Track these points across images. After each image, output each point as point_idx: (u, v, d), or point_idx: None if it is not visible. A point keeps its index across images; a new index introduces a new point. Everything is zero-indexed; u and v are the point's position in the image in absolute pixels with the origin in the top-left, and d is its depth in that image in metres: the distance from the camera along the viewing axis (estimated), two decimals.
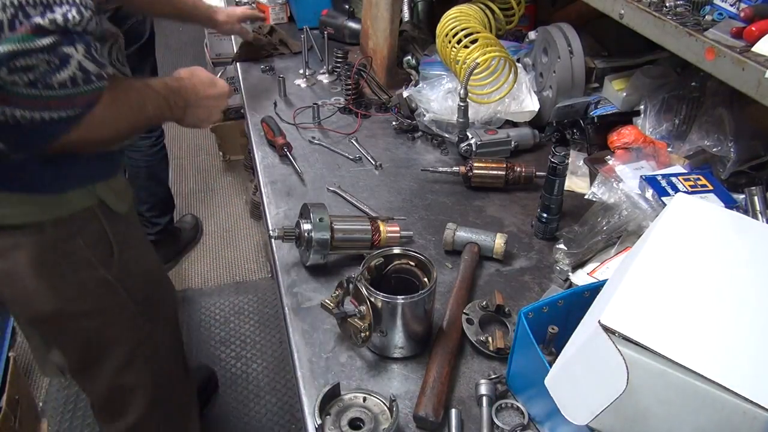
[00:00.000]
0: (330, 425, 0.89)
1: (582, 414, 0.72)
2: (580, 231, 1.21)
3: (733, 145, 1.27)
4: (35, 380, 2.35)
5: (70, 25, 0.89)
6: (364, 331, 0.98)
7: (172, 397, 1.56)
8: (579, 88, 1.59)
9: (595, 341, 0.69)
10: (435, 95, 1.61)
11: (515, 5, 1.71)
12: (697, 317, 0.70)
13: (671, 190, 1.18)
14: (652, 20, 1.00)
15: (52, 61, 0.88)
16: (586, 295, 0.91)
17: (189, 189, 3.45)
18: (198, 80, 1.31)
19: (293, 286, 1.19)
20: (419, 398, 0.94)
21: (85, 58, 0.91)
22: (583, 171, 1.44)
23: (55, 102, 0.91)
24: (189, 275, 2.87)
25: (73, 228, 1.21)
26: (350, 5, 2.18)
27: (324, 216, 1.17)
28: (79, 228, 1.22)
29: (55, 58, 0.88)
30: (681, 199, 0.88)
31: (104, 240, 1.27)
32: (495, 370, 1.01)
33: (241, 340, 2.52)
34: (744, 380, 0.63)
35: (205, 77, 1.33)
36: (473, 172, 1.43)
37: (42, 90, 0.89)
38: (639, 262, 0.77)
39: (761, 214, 1.12)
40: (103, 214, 1.25)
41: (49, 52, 0.87)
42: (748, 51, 0.84)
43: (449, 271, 1.22)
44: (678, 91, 1.43)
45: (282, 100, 1.83)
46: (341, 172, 1.52)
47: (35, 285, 1.21)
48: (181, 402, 1.64)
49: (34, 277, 1.21)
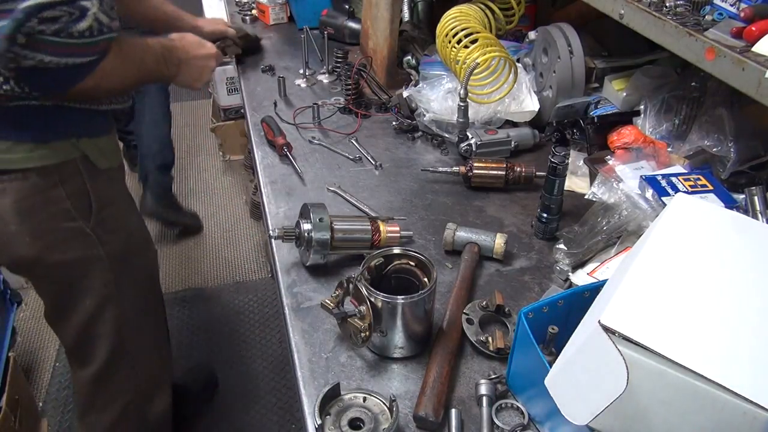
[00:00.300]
0: (330, 425, 0.89)
1: (582, 414, 0.72)
2: (580, 231, 1.21)
3: (733, 145, 1.27)
4: (35, 380, 2.35)
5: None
6: (364, 331, 0.98)
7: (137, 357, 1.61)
8: (579, 88, 1.59)
9: (595, 341, 0.69)
10: (435, 95, 1.61)
11: (515, 5, 1.71)
12: (697, 317, 0.70)
13: (671, 190, 1.18)
14: (652, 20, 1.00)
15: (73, 12, 1.02)
16: (586, 295, 0.91)
17: (189, 189, 3.45)
18: (187, 42, 1.48)
19: (293, 286, 1.19)
20: (419, 398, 0.94)
21: (99, 11, 1.06)
22: (583, 171, 1.44)
23: (76, 48, 1.06)
24: (189, 275, 2.88)
25: (55, 177, 1.29)
26: (350, 5, 2.18)
27: (324, 216, 1.17)
28: (62, 178, 1.30)
29: (75, 10, 1.02)
30: (681, 199, 0.88)
31: (84, 193, 1.35)
32: (495, 370, 1.01)
33: (241, 340, 2.52)
34: (744, 380, 0.63)
35: (194, 39, 1.50)
36: (473, 172, 1.43)
37: (65, 38, 1.03)
38: (639, 262, 0.76)
39: (761, 214, 1.12)
40: (85, 169, 1.34)
41: (69, 4, 1.01)
42: (748, 51, 0.84)
43: (449, 271, 1.22)
44: (678, 91, 1.43)
45: (282, 100, 1.83)
46: (341, 172, 1.52)
47: (17, 228, 1.30)
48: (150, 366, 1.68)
49: (17, 222, 1.29)
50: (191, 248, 3.03)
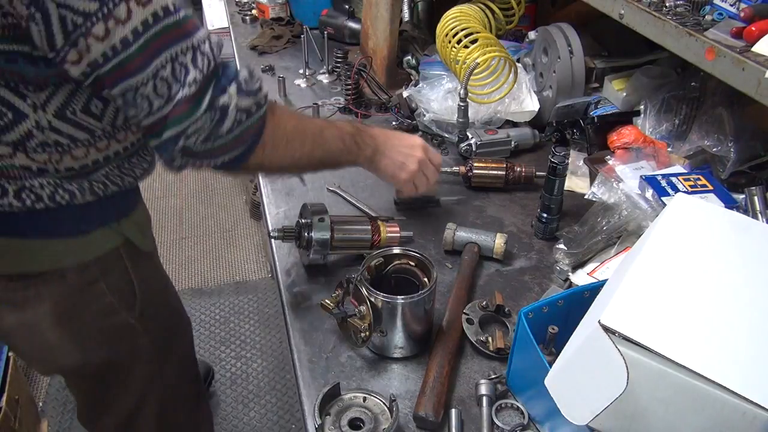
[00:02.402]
0: (330, 425, 0.89)
1: (582, 414, 0.72)
2: (580, 231, 1.21)
3: (733, 145, 1.27)
4: (35, 380, 2.35)
5: (211, 68, 0.88)
6: (364, 331, 0.98)
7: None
8: (579, 88, 1.59)
9: (595, 341, 0.69)
10: (435, 95, 1.61)
11: (515, 5, 1.71)
12: (697, 317, 0.70)
13: (671, 190, 1.18)
14: (652, 20, 1.00)
15: (215, 116, 0.89)
16: (586, 295, 0.92)
17: (189, 189, 3.45)
18: (389, 133, 1.22)
19: (293, 286, 1.19)
20: (419, 398, 0.94)
21: (239, 97, 0.91)
22: (583, 171, 1.44)
23: (229, 146, 0.93)
24: (189, 275, 2.87)
25: (96, 272, 1.10)
26: (350, 5, 2.18)
27: (324, 216, 1.17)
28: (103, 271, 1.11)
29: (215, 114, 0.89)
30: (681, 199, 0.88)
31: (128, 282, 1.17)
32: (495, 370, 1.01)
33: (241, 340, 2.52)
34: (744, 380, 0.63)
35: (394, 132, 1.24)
36: (473, 172, 1.43)
37: (214, 142, 0.91)
38: (639, 262, 0.76)
39: (761, 214, 1.12)
40: (127, 255, 1.14)
41: (209, 111, 0.88)
42: (748, 51, 0.84)
43: (449, 271, 1.22)
44: (678, 91, 1.43)
45: (282, 100, 1.83)
46: (341, 172, 1.52)
47: (57, 338, 1.11)
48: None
49: (56, 330, 1.10)
50: (191, 248, 3.03)
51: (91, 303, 1.12)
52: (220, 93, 0.89)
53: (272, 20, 2.33)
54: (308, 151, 1.07)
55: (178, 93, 0.86)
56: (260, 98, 0.95)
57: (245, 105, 0.92)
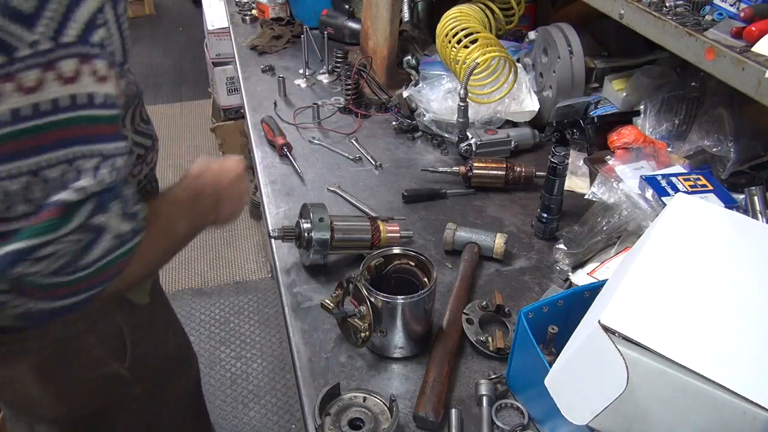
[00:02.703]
0: (330, 425, 0.89)
1: (582, 414, 0.72)
2: (580, 231, 1.21)
3: (733, 145, 1.27)
4: None
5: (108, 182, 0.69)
6: (364, 331, 0.98)
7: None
8: (579, 88, 1.59)
9: (595, 341, 0.69)
10: (435, 95, 1.61)
11: (515, 5, 1.71)
12: (697, 317, 0.70)
13: (671, 190, 1.18)
14: (652, 20, 1.00)
15: (84, 239, 0.69)
16: (586, 295, 0.91)
17: None
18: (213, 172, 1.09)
19: (293, 286, 1.19)
20: (419, 398, 0.94)
21: (122, 220, 0.72)
22: (583, 171, 1.44)
23: (83, 284, 0.72)
24: (189, 275, 2.88)
25: (83, 326, 1.02)
26: (350, 5, 2.18)
27: (324, 216, 1.17)
28: (91, 324, 1.03)
29: (87, 235, 0.69)
30: (681, 199, 0.88)
31: (118, 334, 1.08)
32: (495, 370, 1.01)
33: (241, 340, 2.52)
34: (744, 380, 0.63)
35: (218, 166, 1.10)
36: (473, 172, 1.43)
37: (68, 275, 0.70)
38: (639, 262, 0.76)
39: (761, 214, 1.12)
40: (119, 307, 1.06)
41: (79, 231, 0.68)
42: (748, 51, 0.84)
43: (449, 271, 1.22)
44: (678, 91, 1.43)
45: (282, 100, 1.83)
46: (341, 172, 1.52)
47: (40, 392, 1.04)
48: None
49: (38, 385, 1.03)
50: (191, 248, 3.03)
51: (77, 356, 1.04)
52: (101, 209, 0.69)
53: (272, 20, 2.33)
54: (164, 254, 0.96)
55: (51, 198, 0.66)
56: (139, 223, 0.76)
57: (126, 228, 0.73)
